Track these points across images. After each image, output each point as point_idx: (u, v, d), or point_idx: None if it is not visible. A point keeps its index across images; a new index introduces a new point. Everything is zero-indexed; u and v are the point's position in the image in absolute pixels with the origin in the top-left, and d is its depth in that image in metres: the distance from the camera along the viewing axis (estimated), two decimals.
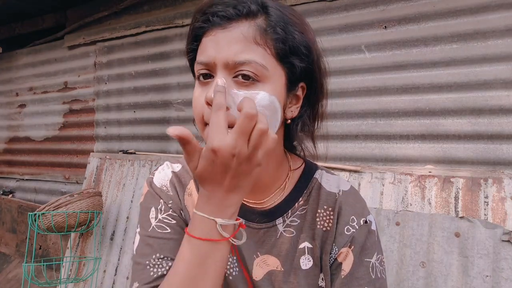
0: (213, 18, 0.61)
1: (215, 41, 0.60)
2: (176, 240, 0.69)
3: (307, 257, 0.72)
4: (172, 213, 0.72)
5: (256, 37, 0.60)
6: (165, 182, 0.75)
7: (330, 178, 0.77)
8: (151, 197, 0.74)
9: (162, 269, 0.66)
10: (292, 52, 0.62)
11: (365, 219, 0.73)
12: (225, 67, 0.60)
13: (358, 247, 0.71)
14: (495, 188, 1.58)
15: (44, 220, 2.17)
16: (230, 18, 0.60)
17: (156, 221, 0.71)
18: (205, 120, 0.62)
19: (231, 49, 0.59)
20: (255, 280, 0.72)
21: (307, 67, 0.65)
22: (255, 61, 0.59)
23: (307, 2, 2.08)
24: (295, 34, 0.63)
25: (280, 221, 0.73)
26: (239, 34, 0.60)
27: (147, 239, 0.70)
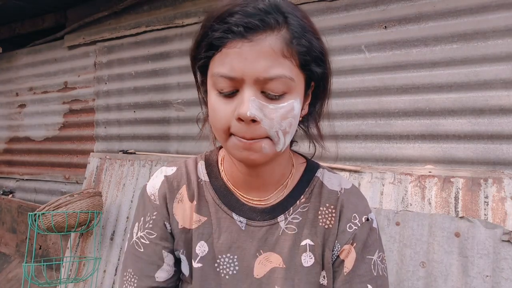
0: (237, 28, 0.58)
1: (242, 54, 0.58)
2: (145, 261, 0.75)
3: (309, 254, 0.73)
4: (150, 230, 0.75)
5: (283, 50, 0.59)
6: (155, 190, 0.77)
7: (332, 176, 0.78)
8: (139, 210, 0.78)
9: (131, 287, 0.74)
10: (313, 60, 0.63)
11: (367, 216, 0.74)
12: (254, 82, 0.59)
13: (360, 244, 0.71)
14: (495, 188, 1.58)
15: (44, 220, 2.17)
16: (256, 29, 0.58)
17: (136, 237, 0.76)
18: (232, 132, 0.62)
19: (261, 64, 0.58)
20: (256, 278, 0.72)
21: (322, 71, 0.66)
22: (284, 76, 0.59)
23: (307, 2, 2.08)
24: (314, 42, 0.63)
25: (282, 219, 0.73)
26: (268, 47, 0.58)
27: (128, 250, 0.77)
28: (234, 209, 0.74)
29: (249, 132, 0.60)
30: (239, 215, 0.74)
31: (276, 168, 0.73)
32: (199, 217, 0.75)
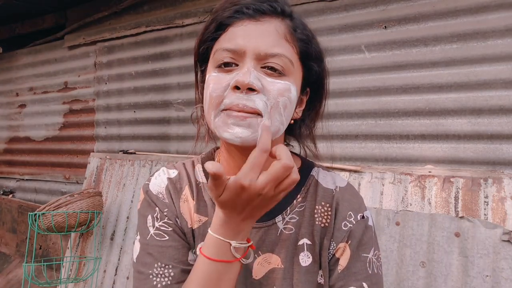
0: (247, 10, 0.63)
1: (247, 31, 0.62)
2: (175, 247, 0.70)
3: (306, 253, 0.73)
4: (168, 220, 0.73)
5: (286, 34, 0.64)
6: (161, 189, 0.76)
7: (326, 174, 0.78)
8: (147, 205, 0.75)
9: (165, 278, 0.67)
10: (311, 56, 0.68)
11: (362, 214, 0.74)
12: (255, 57, 0.62)
13: (355, 242, 0.72)
14: (495, 188, 1.58)
15: (44, 220, 2.17)
16: (264, 12, 0.63)
17: (154, 229, 0.72)
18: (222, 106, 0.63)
19: (264, 41, 0.61)
20: (255, 279, 0.72)
21: (319, 73, 0.70)
22: (285, 55, 0.62)
23: (307, 2, 2.08)
24: (313, 40, 0.68)
25: (280, 219, 0.73)
26: (273, 28, 0.63)
27: (147, 248, 0.70)
28: None
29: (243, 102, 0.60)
30: None
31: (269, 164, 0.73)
32: (199, 217, 0.75)
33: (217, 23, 0.65)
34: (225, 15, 0.64)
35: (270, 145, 0.55)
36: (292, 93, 0.64)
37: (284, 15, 0.65)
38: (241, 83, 0.60)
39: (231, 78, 0.62)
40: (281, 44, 0.62)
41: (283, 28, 0.64)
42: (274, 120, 0.63)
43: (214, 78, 0.64)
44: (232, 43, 0.62)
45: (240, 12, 0.63)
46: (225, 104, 0.62)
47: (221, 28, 0.65)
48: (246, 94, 0.60)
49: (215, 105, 0.63)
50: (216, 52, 0.64)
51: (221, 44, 0.64)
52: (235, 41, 0.62)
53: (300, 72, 0.67)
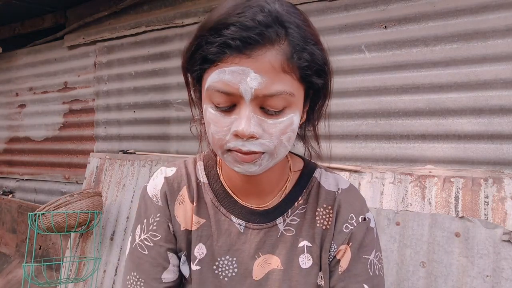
0: (234, 43, 0.54)
1: (239, 71, 0.55)
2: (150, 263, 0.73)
3: (307, 255, 0.72)
4: (154, 232, 0.74)
5: (284, 65, 0.56)
6: (156, 191, 0.76)
7: (329, 176, 0.78)
8: (140, 213, 0.77)
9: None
10: (314, 72, 0.61)
11: (363, 216, 0.73)
12: (253, 99, 0.57)
13: (356, 244, 0.71)
14: (495, 188, 1.58)
15: (44, 220, 2.17)
16: (254, 44, 0.55)
17: (139, 240, 0.75)
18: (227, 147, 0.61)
19: (260, 81, 0.55)
20: (255, 280, 0.72)
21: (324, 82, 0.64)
22: (285, 92, 0.57)
23: (307, 2, 2.08)
24: (316, 53, 0.60)
25: (281, 221, 0.73)
26: (267, 64, 0.55)
27: (131, 253, 0.75)
28: (233, 211, 0.74)
29: (246, 147, 0.59)
30: (238, 217, 0.74)
31: (273, 174, 0.73)
32: (198, 219, 0.75)
33: (202, 56, 0.58)
34: (212, 51, 0.56)
35: None
36: (295, 122, 0.61)
37: (279, 40, 0.56)
38: (241, 134, 0.57)
39: (230, 121, 0.59)
40: (279, 80, 0.56)
41: (279, 59, 0.56)
42: (279, 153, 0.62)
43: (213, 117, 0.60)
44: (224, 84, 0.56)
45: (226, 46, 0.55)
46: (230, 147, 0.60)
47: (208, 62, 0.58)
48: (247, 140, 0.59)
49: (219, 145, 0.61)
50: (209, 89, 0.59)
51: (214, 83, 0.57)
52: (228, 82, 0.56)
53: (301, 90, 0.62)
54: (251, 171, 0.62)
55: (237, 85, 0.56)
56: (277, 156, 0.62)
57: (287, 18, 0.58)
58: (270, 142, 0.59)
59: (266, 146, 0.59)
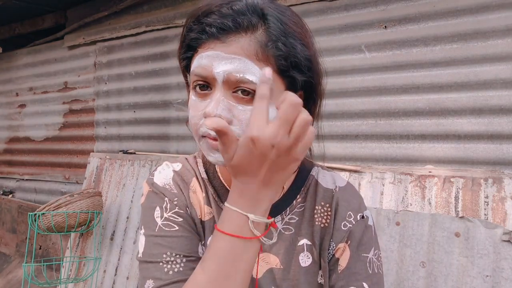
0: (210, 29, 0.58)
1: (214, 55, 0.58)
2: (186, 237, 0.67)
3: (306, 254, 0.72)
4: (179, 210, 0.70)
5: (257, 53, 0.57)
6: (168, 180, 0.73)
7: (326, 174, 0.78)
8: (154, 197, 0.71)
9: (177, 265, 0.64)
10: (293, 66, 0.60)
11: (362, 214, 0.73)
12: (224, 83, 0.58)
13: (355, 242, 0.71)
14: (495, 188, 1.58)
15: (44, 220, 2.17)
16: (229, 31, 0.57)
17: (162, 220, 0.68)
18: (200, 133, 0.61)
19: (231, 65, 0.57)
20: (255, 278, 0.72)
21: (309, 77, 0.63)
22: (257, 79, 0.57)
23: (307, 2, 2.08)
24: (297, 47, 0.60)
25: (279, 219, 0.73)
26: (240, 49, 0.57)
27: (154, 239, 0.67)
28: None
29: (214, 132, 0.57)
30: None
31: None
32: (210, 209, 0.74)
33: (186, 44, 0.62)
34: (192, 37, 0.60)
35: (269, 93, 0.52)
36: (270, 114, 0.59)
37: (254, 28, 0.58)
38: (207, 115, 0.57)
39: (205, 106, 0.60)
40: (250, 67, 0.57)
41: (252, 46, 0.57)
42: None
43: (192, 103, 0.62)
44: (201, 68, 0.59)
45: (204, 32, 0.58)
46: (202, 132, 0.61)
47: (191, 48, 0.62)
48: None
49: (195, 131, 0.62)
50: (191, 75, 0.62)
51: (194, 68, 0.61)
52: (204, 66, 0.58)
53: (281, 85, 0.61)
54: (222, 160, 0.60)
55: (211, 68, 0.58)
56: None
57: (268, 11, 0.60)
58: (239, 129, 0.58)
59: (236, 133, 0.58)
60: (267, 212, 0.57)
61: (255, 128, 0.51)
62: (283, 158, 0.53)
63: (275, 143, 0.51)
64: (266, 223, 0.57)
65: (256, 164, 0.53)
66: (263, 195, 0.55)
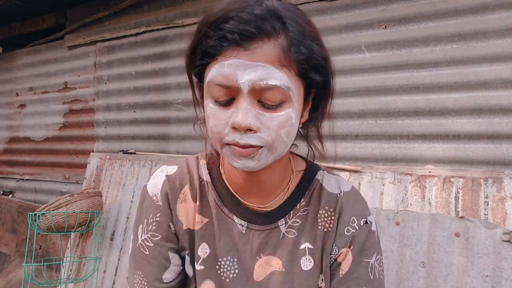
0: (232, 36, 0.56)
1: (237, 64, 0.56)
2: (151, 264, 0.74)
3: (308, 258, 0.72)
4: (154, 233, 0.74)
5: (280, 59, 0.57)
6: (157, 190, 0.75)
7: (331, 178, 0.77)
8: (142, 212, 0.76)
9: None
10: (312, 68, 0.61)
11: (365, 219, 0.73)
12: (250, 92, 0.57)
13: (357, 247, 0.71)
14: (495, 188, 1.58)
15: (44, 220, 2.17)
16: (252, 37, 0.56)
17: (141, 240, 0.75)
18: (225, 141, 0.61)
19: (257, 74, 0.56)
20: (256, 281, 0.72)
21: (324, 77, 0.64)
22: (280, 86, 0.57)
23: (307, 2, 2.08)
24: (314, 48, 0.60)
25: (282, 223, 0.73)
26: (264, 57, 0.56)
27: (133, 254, 0.76)
28: (236, 212, 0.74)
29: (244, 140, 0.59)
30: (240, 218, 0.73)
31: (275, 173, 0.72)
32: (201, 218, 0.74)
33: (203, 51, 0.60)
34: (211, 44, 0.58)
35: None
36: (294, 119, 0.61)
37: (276, 34, 0.57)
38: (237, 125, 0.57)
39: (229, 115, 0.59)
40: (276, 73, 0.56)
41: (275, 52, 0.57)
42: (278, 148, 0.62)
43: (212, 112, 0.61)
44: (223, 77, 0.57)
45: (225, 39, 0.56)
46: (228, 140, 0.60)
47: (208, 56, 0.59)
48: (245, 133, 0.58)
49: (218, 139, 0.62)
50: (209, 83, 0.60)
51: (213, 77, 0.59)
52: (226, 75, 0.57)
53: (300, 86, 0.62)
54: (249, 166, 0.62)
55: (235, 77, 0.57)
56: (276, 151, 0.62)
57: (285, 13, 0.59)
58: (268, 136, 0.59)
59: (264, 140, 0.59)
60: None
61: None
62: None
63: None
64: None
65: None
66: None
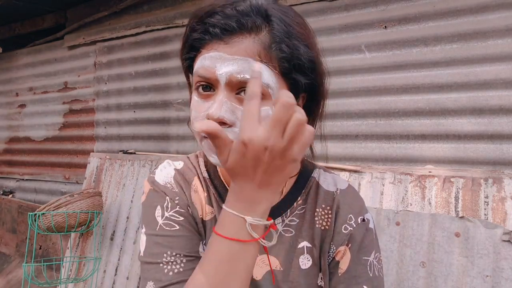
0: (213, 29, 0.58)
1: (217, 56, 0.58)
2: (186, 237, 0.67)
3: (306, 256, 0.72)
4: (180, 209, 0.69)
5: (260, 54, 0.57)
6: (169, 179, 0.73)
7: (327, 176, 0.78)
8: (155, 195, 0.71)
9: (177, 266, 0.64)
10: (296, 69, 0.60)
11: (362, 217, 0.73)
12: (227, 85, 0.58)
13: (355, 245, 0.71)
14: (495, 188, 1.58)
15: (44, 220, 2.17)
16: (232, 31, 0.57)
17: (163, 219, 0.68)
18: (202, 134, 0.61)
19: (234, 67, 0.57)
20: (255, 279, 0.72)
21: (312, 79, 0.63)
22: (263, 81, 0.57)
23: (307, 2, 2.08)
24: (300, 49, 0.60)
25: (279, 221, 0.73)
26: (243, 50, 0.57)
27: (155, 238, 0.67)
28: None
29: None
30: None
31: None
32: (211, 209, 0.73)
33: (189, 44, 0.62)
34: (195, 37, 0.60)
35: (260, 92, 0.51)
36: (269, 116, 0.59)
37: (258, 29, 0.58)
38: (210, 117, 0.57)
39: (207, 107, 0.60)
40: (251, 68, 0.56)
41: (255, 47, 0.57)
42: None
43: (194, 103, 0.62)
44: (204, 69, 0.59)
45: (207, 33, 0.58)
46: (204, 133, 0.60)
47: (194, 49, 0.62)
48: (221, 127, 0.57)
49: (197, 132, 0.62)
50: (194, 76, 0.62)
51: (196, 69, 0.61)
52: (207, 67, 0.58)
53: (284, 86, 0.61)
54: None
55: (214, 69, 0.58)
56: None
57: (272, 11, 0.60)
58: None
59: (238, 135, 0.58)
60: (266, 214, 0.55)
61: (247, 131, 0.49)
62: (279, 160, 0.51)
63: (268, 145, 0.49)
64: (265, 225, 0.56)
65: (250, 167, 0.51)
66: (260, 197, 0.54)
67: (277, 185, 0.54)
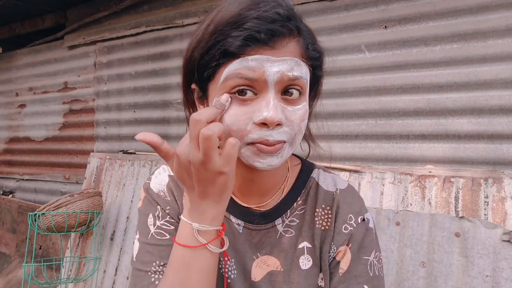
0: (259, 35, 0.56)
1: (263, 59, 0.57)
2: None
3: (307, 257, 0.72)
4: (170, 219, 0.72)
5: (303, 55, 0.61)
6: (162, 187, 0.75)
7: (327, 176, 0.78)
8: (149, 203, 0.74)
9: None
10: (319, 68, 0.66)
11: (362, 217, 0.73)
12: (276, 86, 0.58)
13: (356, 245, 0.71)
14: (495, 188, 1.58)
15: (44, 220, 2.17)
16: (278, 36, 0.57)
17: (155, 228, 0.71)
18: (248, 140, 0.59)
19: (284, 66, 0.58)
20: (254, 281, 0.72)
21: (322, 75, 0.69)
22: (304, 77, 0.60)
23: (307, 2, 2.08)
24: (319, 48, 0.65)
25: (279, 222, 0.73)
26: (290, 52, 0.59)
27: (146, 247, 0.70)
28: (232, 211, 0.74)
29: (273, 137, 0.58)
30: (237, 217, 0.73)
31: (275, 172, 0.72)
32: None
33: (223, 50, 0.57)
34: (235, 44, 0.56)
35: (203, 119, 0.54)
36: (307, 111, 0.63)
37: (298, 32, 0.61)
38: (270, 121, 0.57)
39: (251, 111, 0.58)
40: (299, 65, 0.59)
41: (298, 49, 0.60)
42: (297, 142, 0.64)
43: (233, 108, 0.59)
44: (249, 70, 0.57)
45: (252, 39, 0.56)
46: (253, 138, 0.59)
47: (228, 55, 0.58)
48: (273, 129, 0.58)
49: (241, 137, 0.59)
50: (229, 78, 0.58)
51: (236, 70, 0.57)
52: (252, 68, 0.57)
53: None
54: (273, 164, 0.61)
55: (262, 69, 0.57)
56: (295, 145, 0.63)
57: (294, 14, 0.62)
58: (291, 130, 0.60)
59: (289, 134, 0.60)
60: (215, 221, 0.58)
61: (180, 145, 0.55)
62: (204, 172, 0.54)
63: (190, 159, 0.54)
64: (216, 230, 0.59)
65: (186, 178, 0.57)
66: (203, 207, 0.58)
67: (215, 196, 0.57)
